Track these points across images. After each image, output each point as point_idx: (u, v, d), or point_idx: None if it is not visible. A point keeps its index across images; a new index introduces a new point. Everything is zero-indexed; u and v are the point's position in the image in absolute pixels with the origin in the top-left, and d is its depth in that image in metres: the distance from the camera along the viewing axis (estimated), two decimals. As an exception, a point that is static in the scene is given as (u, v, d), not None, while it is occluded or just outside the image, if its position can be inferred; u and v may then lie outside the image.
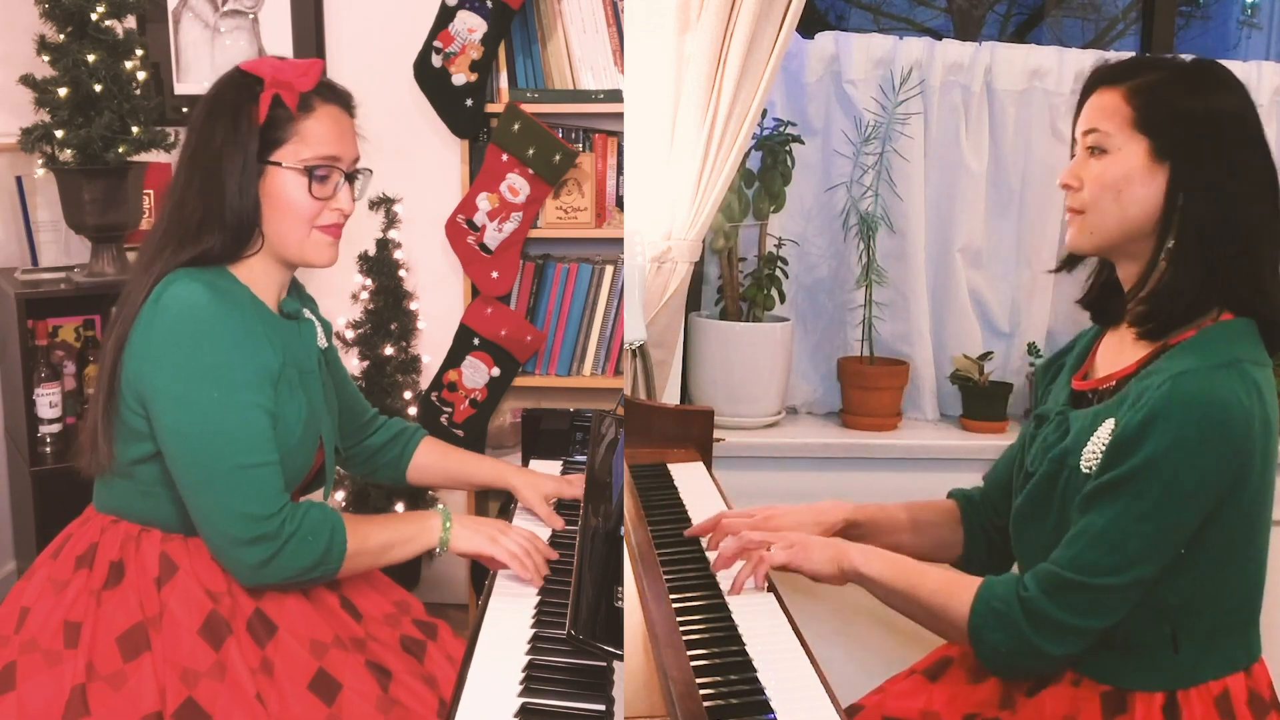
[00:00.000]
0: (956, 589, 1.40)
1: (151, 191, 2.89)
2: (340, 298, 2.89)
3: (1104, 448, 1.34)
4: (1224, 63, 2.77)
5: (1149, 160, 1.37)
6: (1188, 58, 1.44)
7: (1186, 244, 1.36)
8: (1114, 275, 1.48)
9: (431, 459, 1.89)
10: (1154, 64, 1.41)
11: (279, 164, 1.50)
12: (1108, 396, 1.42)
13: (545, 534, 1.75)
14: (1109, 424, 1.35)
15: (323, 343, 1.69)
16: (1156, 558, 1.30)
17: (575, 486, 1.84)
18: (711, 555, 1.58)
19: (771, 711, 1.19)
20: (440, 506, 1.64)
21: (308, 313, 1.66)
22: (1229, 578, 1.36)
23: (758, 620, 1.41)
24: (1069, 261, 1.54)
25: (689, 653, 1.28)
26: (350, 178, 1.57)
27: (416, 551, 1.58)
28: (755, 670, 1.27)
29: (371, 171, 1.62)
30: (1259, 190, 1.37)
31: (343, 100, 1.58)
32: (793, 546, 1.48)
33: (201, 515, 1.46)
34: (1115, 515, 1.30)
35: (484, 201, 2.81)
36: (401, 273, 2.88)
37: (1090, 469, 1.36)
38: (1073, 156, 1.46)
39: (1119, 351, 1.46)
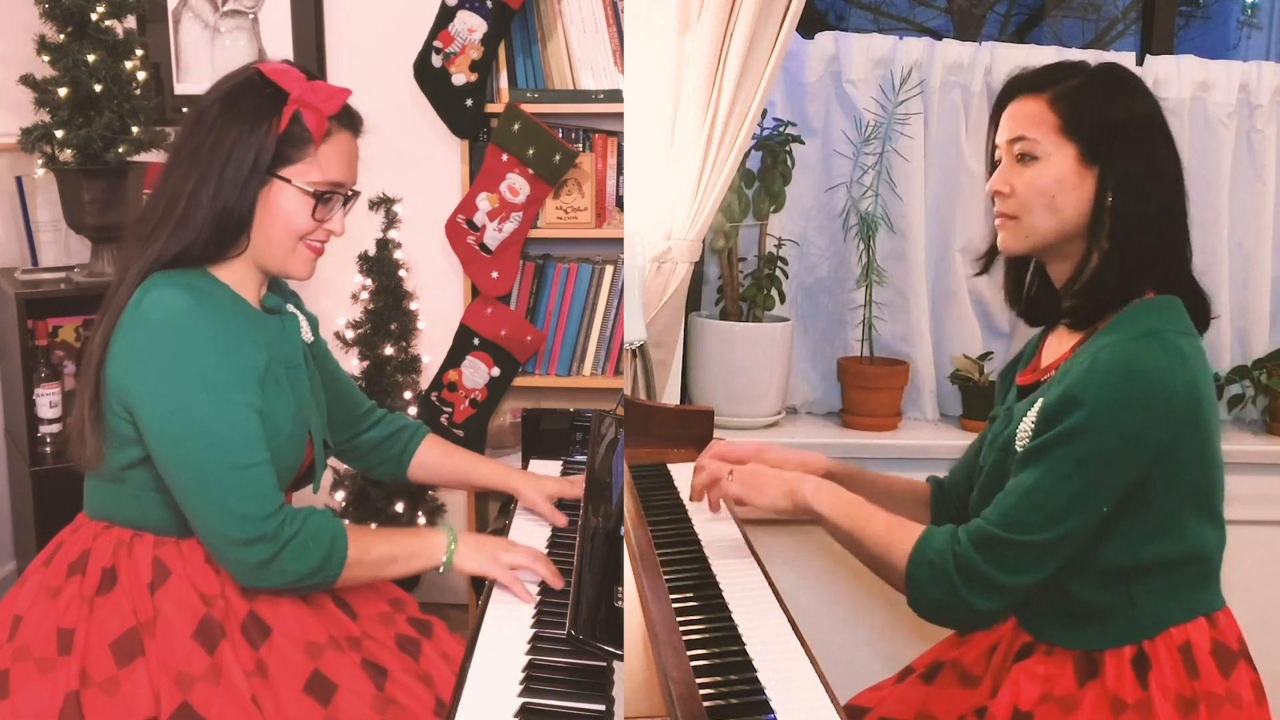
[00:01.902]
0: (899, 537, 1.45)
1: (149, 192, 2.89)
2: (340, 298, 2.89)
3: (1034, 423, 1.41)
4: (1224, 63, 2.79)
5: (1078, 165, 1.44)
6: (1093, 64, 1.51)
7: (1118, 238, 1.43)
8: (1041, 277, 1.57)
9: (434, 457, 1.88)
10: (1068, 70, 1.48)
11: (288, 180, 1.50)
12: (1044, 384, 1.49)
13: (547, 532, 1.75)
14: (1039, 403, 1.42)
15: (308, 336, 1.69)
16: (1079, 516, 1.35)
17: (577, 486, 1.84)
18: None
19: (771, 711, 1.19)
20: (446, 523, 1.63)
21: (290, 307, 1.66)
22: (1176, 539, 1.41)
23: (758, 620, 1.41)
24: (988, 262, 1.63)
25: (689, 653, 1.29)
26: (344, 200, 1.58)
27: (419, 568, 1.58)
28: (755, 670, 1.28)
29: (360, 193, 1.62)
30: (1172, 182, 1.46)
31: (356, 126, 1.58)
32: (747, 482, 1.56)
33: (198, 518, 1.46)
34: (1041, 475, 1.36)
35: (484, 201, 2.81)
36: (401, 273, 2.88)
37: (1024, 445, 1.42)
38: (991, 160, 1.54)
39: (1058, 344, 1.53)
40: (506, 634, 1.40)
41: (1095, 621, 1.42)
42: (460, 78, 2.77)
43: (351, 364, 2.90)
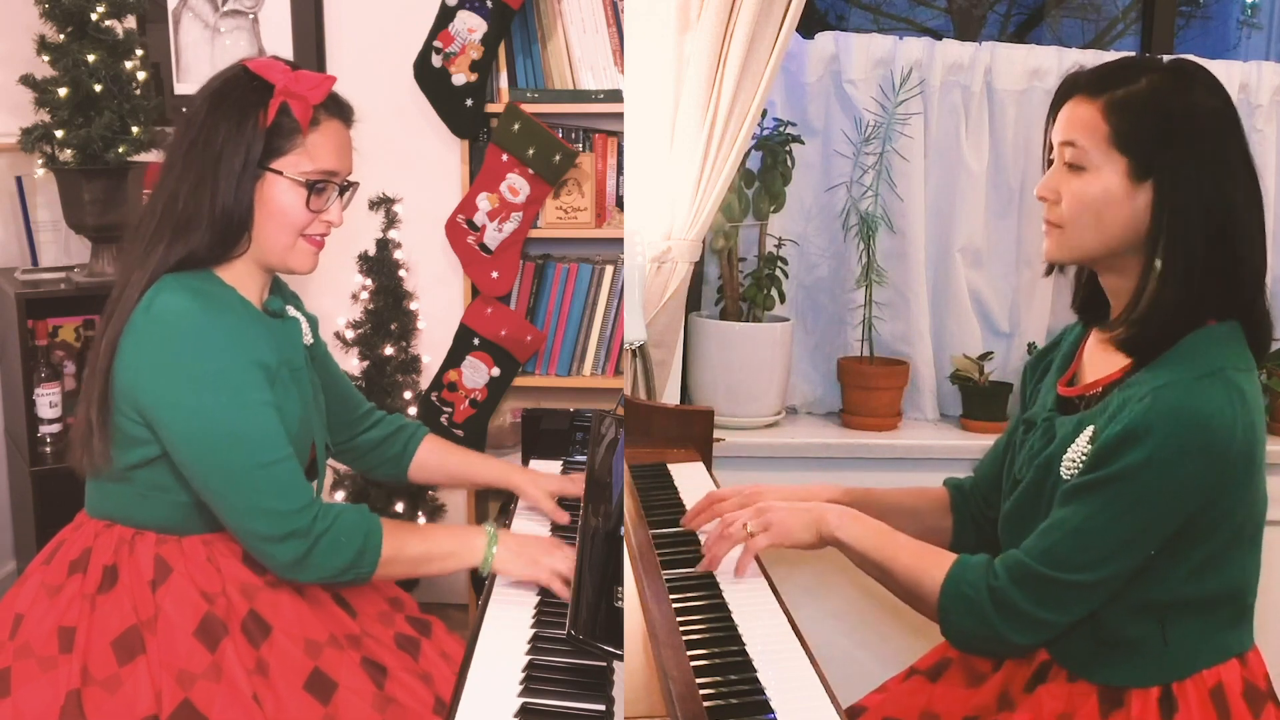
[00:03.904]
0: (929, 565, 1.41)
1: (149, 191, 2.89)
2: (340, 298, 2.89)
3: (1084, 455, 1.35)
4: (1224, 63, 2.77)
5: (1126, 180, 1.35)
6: (1166, 59, 1.42)
7: (1173, 264, 1.34)
8: (1091, 275, 1.49)
9: (435, 457, 1.88)
10: (1130, 72, 1.37)
11: (280, 173, 1.50)
12: (1093, 403, 1.43)
13: (547, 531, 1.75)
14: (1089, 431, 1.36)
15: (308, 339, 1.69)
16: (1126, 559, 1.32)
17: (578, 484, 1.84)
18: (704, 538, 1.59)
19: (771, 711, 1.19)
20: (489, 526, 1.61)
21: (291, 309, 1.66)
22: (1218, 577, 1.36)
23: (758, 620, 1.41)
24: (1052, 265, 1.51)
25: (689, 653, 1.29)
26: (341, 190, 1.58)
27: (456, 568, 1.58)
28: (755, 670, 1.28)
29: (359, 184, 1.62)
30: (1244, 195, 1.36)
31: (346, 115, 1.58)
32: (770, 527, 1.51)
33: (230, 519, 1.46)
34: (1089, 514, 1.31)
35: (484, 201, 2.81)
36: (401, 273, 2.88)
37: (1071, 475, 1.37)
38: (1046, 158, 1.45)
39: (1104, 356, 1.45)
40: (507, 634, 1.40)
41: (1123, 655, 1.38)
42: (460, 78, 2.77)
43: (351, 364, 2.90)
